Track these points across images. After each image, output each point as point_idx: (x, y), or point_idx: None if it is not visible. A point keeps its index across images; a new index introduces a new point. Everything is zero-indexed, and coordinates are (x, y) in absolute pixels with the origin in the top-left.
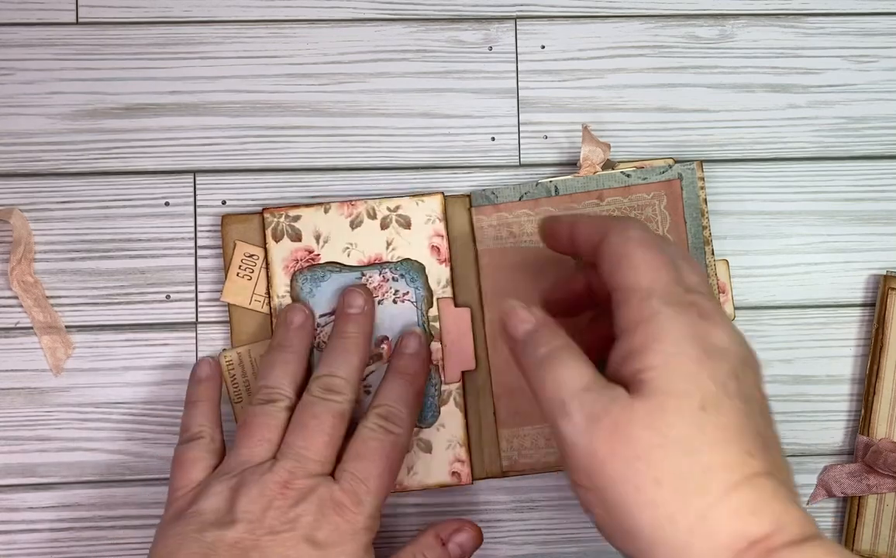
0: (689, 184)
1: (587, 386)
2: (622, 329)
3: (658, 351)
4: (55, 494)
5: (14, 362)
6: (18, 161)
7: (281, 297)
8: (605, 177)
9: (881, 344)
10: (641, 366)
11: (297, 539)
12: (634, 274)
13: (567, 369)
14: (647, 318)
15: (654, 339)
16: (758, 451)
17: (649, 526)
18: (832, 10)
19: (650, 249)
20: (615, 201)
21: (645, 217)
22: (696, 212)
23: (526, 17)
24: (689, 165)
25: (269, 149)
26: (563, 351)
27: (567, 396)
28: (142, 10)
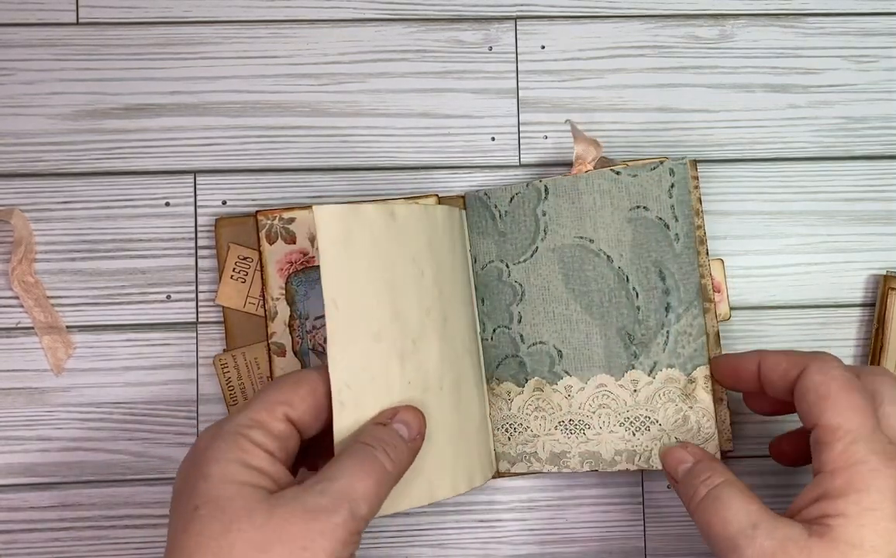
0: (680, 181)
1: (756, 522)
2: (823, 469)
3: (854, 501)
4: (56, 494)
5: (15, 362)
6: (19, 161)
7: (275, 299)
8: (594, 175)
9: (881, 344)
10: (833, 512)
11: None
12: (839, 416)
13: (732, 507)
14: (851, 465)
15: (855, 489)
16: None
17: None
18: (832, 10)
19: (854, 392)
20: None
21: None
22: (688, 210)
23: (526, 17)
24: (681, 161)
25: (269, 149)
26: (725, 488)
27: (736, 534)
28: (142, 10)
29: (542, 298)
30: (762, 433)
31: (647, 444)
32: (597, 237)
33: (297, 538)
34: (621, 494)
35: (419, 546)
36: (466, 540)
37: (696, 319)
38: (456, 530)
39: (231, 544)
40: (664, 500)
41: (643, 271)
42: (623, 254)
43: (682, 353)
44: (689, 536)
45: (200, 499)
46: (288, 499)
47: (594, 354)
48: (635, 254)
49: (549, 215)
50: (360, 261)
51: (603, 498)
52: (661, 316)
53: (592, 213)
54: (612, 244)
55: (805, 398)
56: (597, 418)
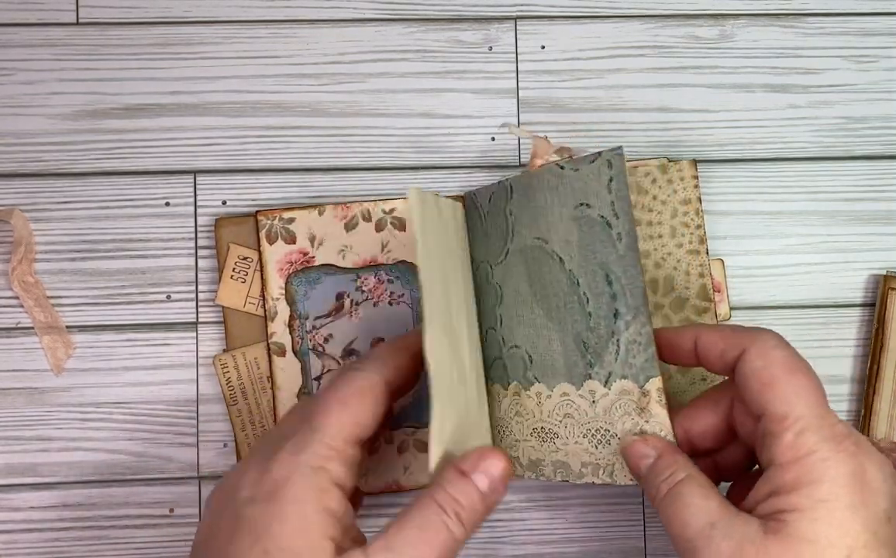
0: (617, 174)
1: (714, 522)
2: (772, 462)
3: (807, 495)
4: (56, 494)
5: (15, 362)
6: (19, 161)
7: (275, 299)
8: (545, 170)
9: (881, 344)
10: (787, 507)
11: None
12: (785, 403)
13: (691, 505)
14: (801, 457)
15: (807, 482)
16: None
17: None
18: (832, 10)
19: (798, 374)
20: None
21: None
22: (628, 206)
23: (526, 17)
24: (617, 151)
25: (269, 150)
26: (685, 485)
27: (693, 535)
28: (142, 10)
29: (514, 301)
30: None
31: (609, 457)
32: (549, 238)
33: None
34: (621, 494)
35: None
36: None
37: (643, 327)
38: None
39: None
40: None
41: (591, 274)
42: (572, 256)
43: (633, 364)
44: None
45: (273, 544)
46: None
47: (556, 361)
48: (582, 255)
49: (515, 215)
50: (433, 248)
51: (603, 498)
52: (610, 322)
53: (544, 212)
54: (563, 245)
55: (748, 386)
56: (563, 428)
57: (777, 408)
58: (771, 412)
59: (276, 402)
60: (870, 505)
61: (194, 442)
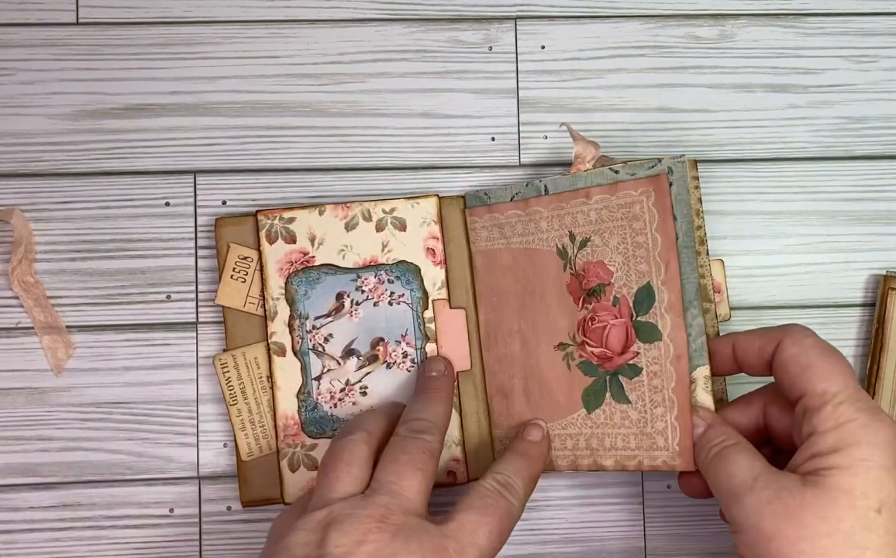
0: (678, 179)
1: (757, 476)
2: (813, 433)
3: (848, 454)
4: (56, 494)
5: (15, 362)
6: (19, 161)
7: (275, 299)
8: (593, 174)
9: (881, 344)
10: (826, 465)
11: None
12: (824, 381)
13: (737, 463)
14: (841, 424)
15: (848, 444)
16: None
17: None
18: (832, 10)
19: (831, 356)
20: (603, 199)
21: (632, 215)
22: (687, 209)
23: (526, 17)
24: (680, 158)
25: (269, 150)
26: (733, 447)
27: (737, 487)
28: (142, 10)
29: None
30: None
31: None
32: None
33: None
34: (621, 494)
35: None
36: None
37: (695, 319)
38: None
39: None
40: (664, 500)
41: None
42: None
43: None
44: (690, 536)
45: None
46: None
47: None
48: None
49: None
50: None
51: (603, 498)
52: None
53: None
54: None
55: (787, 371)
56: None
57: (816, 386)
58: (811, 390)
59: (276, 402)
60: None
61: (194, 442)
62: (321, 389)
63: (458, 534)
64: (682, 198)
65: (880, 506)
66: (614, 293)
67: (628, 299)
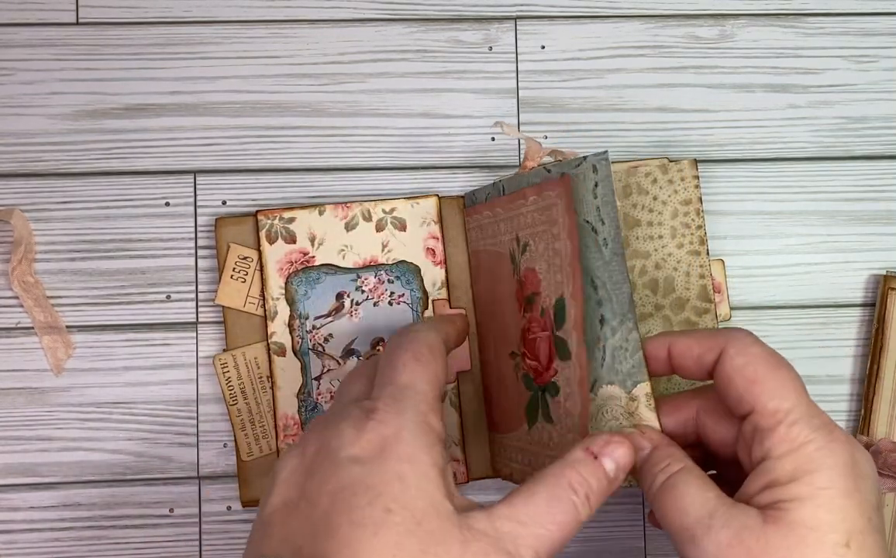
0: (603, 179)
1: (712, 512)
2: (766, 457)
3: (807, 483)
4: (56, 494)
5: (15, 362)
6: (19, 161)
7: (275, 299)
8: (532, 173)
9: (881, 344)
10: (787, 497)
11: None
12: (773, 398)
13: (687, 496)
14: (797, 448)
15: (807, 471)
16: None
17: None
18: (832, 10)
19: (781, 368)
20: (535, 201)
21: (551, 218)
22: (613, 211)
23: (526, 17)
24: (603, 155)
25: (269, 150)
26: (681, 475)
27: (692, 524)
28: (142, 10)
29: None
30: None
31: None
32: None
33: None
34: (621, 494)
35: None
36: None
37: (630, 333)
38: None
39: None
40: None
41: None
42: None
43: (619, 370)
44: None
45: (396, 503)
46: (480, 533)
47: None
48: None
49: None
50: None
51: None
52: (596, 329)
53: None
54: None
55: (733, 385)
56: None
57: (767, 403)
58: (761, 407)
59: (276, 402)
60: (863, 492)
61: (194, 442)
62: (321, 389)
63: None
64: (607, 200)
65: (848, 539)
66: (542, 303)
67: (550, 311)
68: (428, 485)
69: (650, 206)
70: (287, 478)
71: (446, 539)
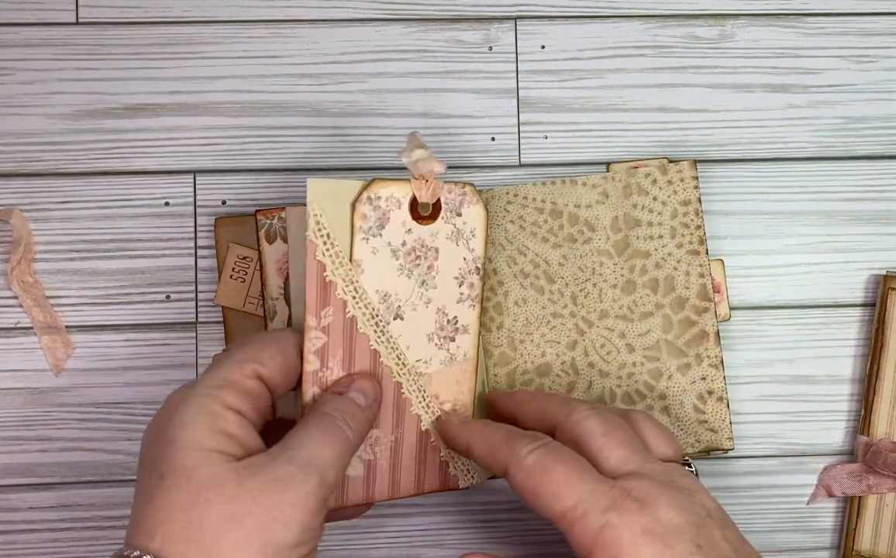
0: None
1: None
2: (581, 555)
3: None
4: (55, 494)
5: (14, 362)
6: (18, 161)
7: (274, 299)
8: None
9: (881, 344)
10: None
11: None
12: (557, 500)
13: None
14: (595, 536)
15: (613, 556)
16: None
17: None
18: (832, 10)
19: (556, 465)
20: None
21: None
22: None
23: (526, 17)
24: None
25: (269, 149)
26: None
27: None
28: (142, 10)
29: None
30: (763, 433)
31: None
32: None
33: (269, 509)
34: None
35: (419, 546)
36: (466, 540)
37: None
38: (456, 530)
39: (200, 516)
40: None
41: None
42: None
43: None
44: None
45: (167, 467)
46: (256, 469)
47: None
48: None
49: None
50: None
51: None
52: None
53: None
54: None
55: (525, 501)
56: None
57: (554, 508)
58: (552, 515)
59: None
60: (674, 546)
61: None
62: None
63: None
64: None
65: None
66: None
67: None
68: (197, 445)
69: (650, 207)
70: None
71: (219, 484)
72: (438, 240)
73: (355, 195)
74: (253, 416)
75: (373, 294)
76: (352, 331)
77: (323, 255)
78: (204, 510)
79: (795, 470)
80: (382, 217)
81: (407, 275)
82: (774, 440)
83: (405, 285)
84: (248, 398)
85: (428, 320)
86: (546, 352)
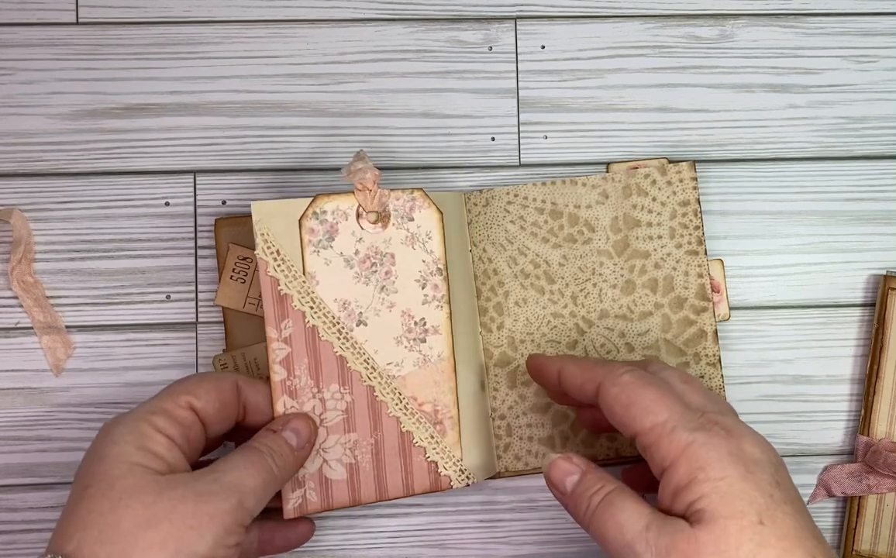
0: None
1: (648, 524)
2: (662, 467)
3: (704, 479)
4: (55, 494)
5: (14, 362)
6: (18, 161)
7: None
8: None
9: (881, 344)
10: (693, 497)
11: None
12: (649, 415)
13: (624, 512)
14: (682, 451)
15: (698, 468)
16: (817, 549)
17: None
18: (832, 10)
19: (649, 387)
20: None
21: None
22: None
23: (526, 17)
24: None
25: (269, 149)
26: (616, 495)
27: (631, 538)
28: (142, 10)
29: None
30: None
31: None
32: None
33: (186, 517)
34: None
35: (419, 546)
36: (466, 540)
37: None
38: (456, 530)
39: (118, 519)
40: None
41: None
42: None
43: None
44: None
45: (92, 479)
46: (179, 483)
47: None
48: None
49: None
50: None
51: None
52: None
53: None
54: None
55: (613, 414)
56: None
57: (644, 422)
58: (640, 427)
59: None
60: (757, 473)
61: None
62: None
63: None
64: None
65: (760, 517)
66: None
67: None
68: (127, 458)
69: (649, 207)
70: None
71: (140, 491)
72: (393, 246)
73: (302, 212)
74: (181, 442)
75: (331, 303)
76: (314, 340)
77: (275, 271)
78: (122, 514)
79: (795, 470)
80: (331, 229)
81: (364, 283)
82: (774, 440)
83: (364, 292)
84: (178, 426)
85: (393, 323)
86: (546, 351)
